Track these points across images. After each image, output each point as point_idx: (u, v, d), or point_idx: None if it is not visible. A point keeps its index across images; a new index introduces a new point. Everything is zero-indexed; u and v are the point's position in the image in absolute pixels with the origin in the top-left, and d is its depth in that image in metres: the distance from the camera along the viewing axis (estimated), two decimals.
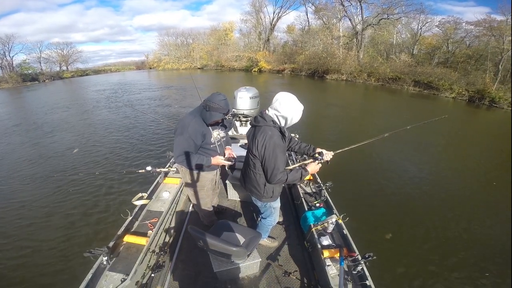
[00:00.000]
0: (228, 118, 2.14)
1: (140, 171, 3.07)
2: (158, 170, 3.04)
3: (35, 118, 12.18)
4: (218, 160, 2.20)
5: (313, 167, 1.90)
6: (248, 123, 4.04)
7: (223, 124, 2.28)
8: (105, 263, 1.89)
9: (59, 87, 28.51)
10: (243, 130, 4.10)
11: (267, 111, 1.76)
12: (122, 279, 1.79)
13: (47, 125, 10.63)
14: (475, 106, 14.95)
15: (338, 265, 1.85)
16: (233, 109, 3.97)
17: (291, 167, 1.94)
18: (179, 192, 2.95)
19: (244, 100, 3.87)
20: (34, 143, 8.49)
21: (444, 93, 17.16)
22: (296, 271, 2.23)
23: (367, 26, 26.34)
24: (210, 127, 2.13)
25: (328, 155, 1.97)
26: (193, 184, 2.33)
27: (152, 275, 2.12)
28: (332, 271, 1.87)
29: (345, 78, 24.41)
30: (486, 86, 15.40)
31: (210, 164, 2.17)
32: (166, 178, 3.09)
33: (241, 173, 2.15)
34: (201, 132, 2.05)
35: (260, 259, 2.11)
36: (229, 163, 2.24)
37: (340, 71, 24.95)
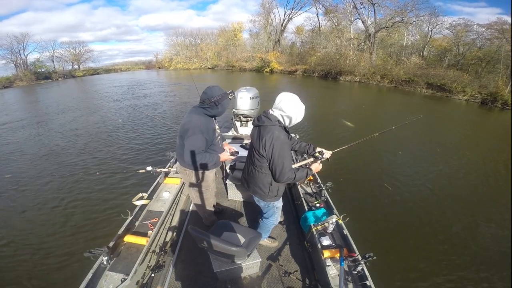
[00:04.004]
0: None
1: (140, 171, 3.07)
2: (158, 170, 3.03)
3: (38, 117, 12.34)
4: (226, 156, 2.20)
5: (316, 166, 1.97)
6: (249, 123, 4.05)
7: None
8: (105, 263, 1.89)
9: (75, 85, 29.24)
10: (243, 130, 4.07)
11: (271, 111, 1.77)
12: (122, 279, 1.80)
13: (52, 125, 10.77)
14: (487, 108, 14.69)
15: (338, 265, 1.83)
16: (233, 109, 3.94)
17: (296, 165, 1.99)
18: (179, 192, 2.96)
19: (244, 100, 3.80)
20: (33, 143, 8.56)
21: (457, 95, 16.92)
22: (297, 271, 2.21)
23: (380, 29, 26.01)
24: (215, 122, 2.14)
25: (327, 154, 2.04)
26: (198, 185, 2.32)
27: (152, 275, 2.13)
28: (332, 271, 1.86)
29: (358, 79, 24.17)
30: (498, 89, 15.17)
31: (220, 161, 2.17)
32: (167, 178, 3.10)
33: (243, 174, 2.13)
34: (212, 128, 2.07)
35: (260, 259, 2.09)
36: (234, 157, 2.26)
37: (353, 73, 24.70)
